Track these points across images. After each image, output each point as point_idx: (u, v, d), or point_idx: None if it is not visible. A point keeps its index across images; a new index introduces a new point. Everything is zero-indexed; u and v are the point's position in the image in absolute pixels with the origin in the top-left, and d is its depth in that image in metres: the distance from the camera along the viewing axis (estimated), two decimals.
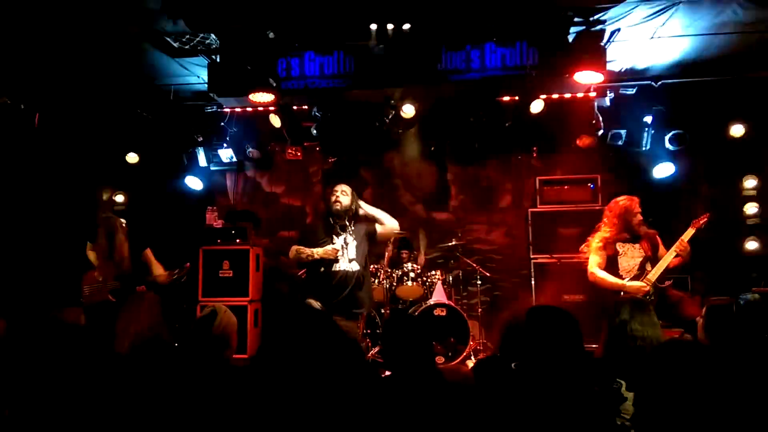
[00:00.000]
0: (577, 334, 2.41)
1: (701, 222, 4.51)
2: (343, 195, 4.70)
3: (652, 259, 4.53)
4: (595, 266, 4.59)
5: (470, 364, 5.93)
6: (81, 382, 1.92)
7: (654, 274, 4.46)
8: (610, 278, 4.51)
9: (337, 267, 4.60)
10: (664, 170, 6.32)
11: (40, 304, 2.27)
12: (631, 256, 4.57)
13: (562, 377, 2.29)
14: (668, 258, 4.47)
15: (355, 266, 4.61)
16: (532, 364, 2.38)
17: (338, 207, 4.66)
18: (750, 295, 4.06)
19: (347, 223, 4.70)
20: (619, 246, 4.59)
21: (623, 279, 4.51)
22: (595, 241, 4.67)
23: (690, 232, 4.48)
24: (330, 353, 1.82)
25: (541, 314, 2.49)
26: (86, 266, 5.38)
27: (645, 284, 4.41)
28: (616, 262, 4.57)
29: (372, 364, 5.29)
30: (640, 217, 4.56)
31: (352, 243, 4.65)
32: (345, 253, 4.62)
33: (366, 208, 4.79)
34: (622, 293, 4.41)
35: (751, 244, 6.37)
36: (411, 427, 2.12)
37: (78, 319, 4.65)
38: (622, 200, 4.64)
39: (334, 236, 4.66)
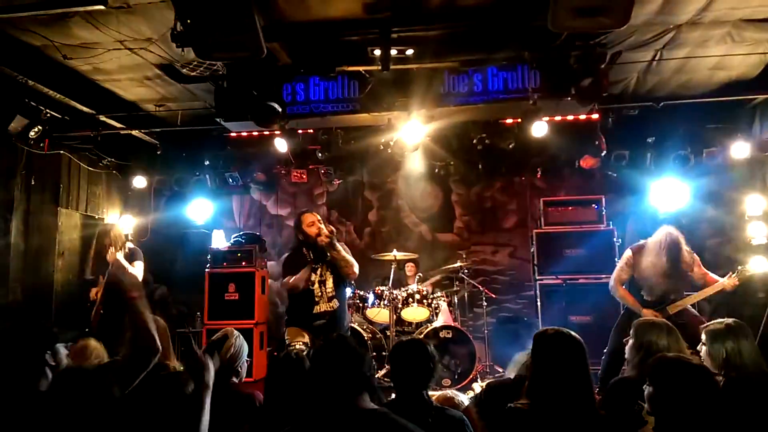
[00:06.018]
0: (584, 357, 2.40)
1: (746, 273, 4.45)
2: (322, 224, 4.32)
3: (679, 287, 4.47)
4: (618, 281, 4.56)
5: (476, 386, 5.89)
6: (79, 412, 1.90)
7: (675, 307, 4.40)
8: (629, 297, 4.49)
9: (317, 309, 4.24)
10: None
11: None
12: (656, 282, 4.50)
13: (572, 402, 2.28)
14: (698, 297, 4.43)
15: (335, 304, 4.28)
16: (540, 388, 2.37)
17: (325, 239, 4.19)
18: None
19: (325, 255, 4.28)
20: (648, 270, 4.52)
21: (643, 299, 4.47)
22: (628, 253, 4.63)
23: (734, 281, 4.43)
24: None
25: (548, 337, 2.48)
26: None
27: (659, 317, 4.34)
28: (640, 284, 4.53)
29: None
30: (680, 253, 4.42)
31: (330, 278, 4.29)
32: (323, 291, 4.26)
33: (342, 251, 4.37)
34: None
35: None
36: None
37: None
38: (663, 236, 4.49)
39: (312, 273, 4.26)
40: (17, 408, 2.03)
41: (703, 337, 2.91)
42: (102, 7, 4.13)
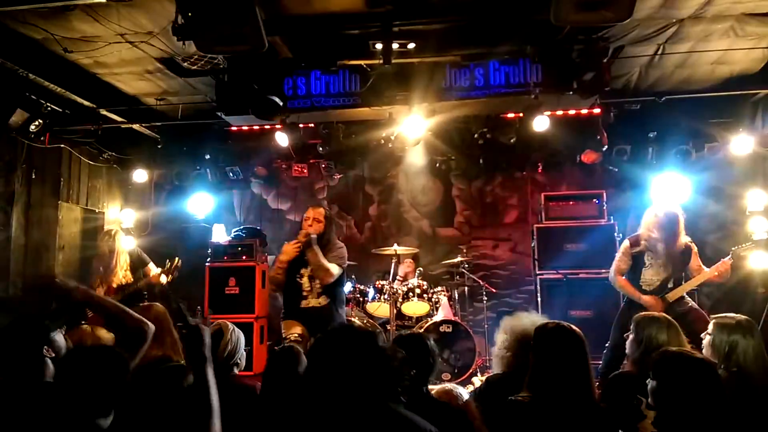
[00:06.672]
0: (584, 351, 2.41)
1: (741, 252, 4.46)
2: (316, 222, 4.30)
3: (677, 277, 4.49)
4: (617, 271, 4.59)
5: (476, 380, 5.90)
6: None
7: (673, 295, 4.41)
8: (629, 287, 4.51)
9: (305, 303, 4.20)
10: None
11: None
12: (656, 271, 4.51)
13: (572, 395, 2.29)
14: (694, 282, 4.44)
15: (324, 300, 4.22)
16: (540, 381, 2.37)
17: (301, 237, 4.19)
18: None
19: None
20: (647, 257, 4.54)
21: (642, 289, 4.49)
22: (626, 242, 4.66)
23: (728, 262, 4.43)
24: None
25: (548, 331, 2.48)
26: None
27: (659, 303, 4.37)
28: (639, 271, 4.54)
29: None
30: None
31: None
32: (312, 286, 4.21)
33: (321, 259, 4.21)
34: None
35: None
36: None
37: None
38: (660, 213, 4.52)
39: (301, 267, 4.25)
40: (24, 400, 2.04)
41: (711, 326, 2.91)
42: (102, 0, 4.12)
